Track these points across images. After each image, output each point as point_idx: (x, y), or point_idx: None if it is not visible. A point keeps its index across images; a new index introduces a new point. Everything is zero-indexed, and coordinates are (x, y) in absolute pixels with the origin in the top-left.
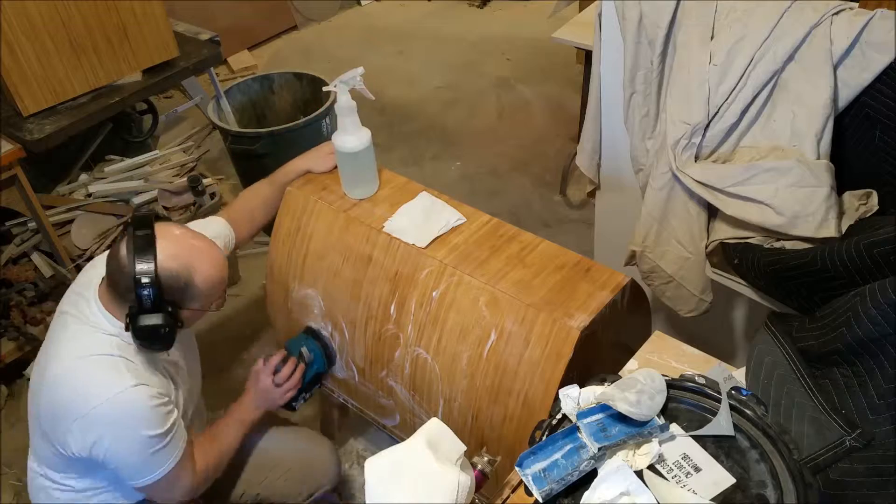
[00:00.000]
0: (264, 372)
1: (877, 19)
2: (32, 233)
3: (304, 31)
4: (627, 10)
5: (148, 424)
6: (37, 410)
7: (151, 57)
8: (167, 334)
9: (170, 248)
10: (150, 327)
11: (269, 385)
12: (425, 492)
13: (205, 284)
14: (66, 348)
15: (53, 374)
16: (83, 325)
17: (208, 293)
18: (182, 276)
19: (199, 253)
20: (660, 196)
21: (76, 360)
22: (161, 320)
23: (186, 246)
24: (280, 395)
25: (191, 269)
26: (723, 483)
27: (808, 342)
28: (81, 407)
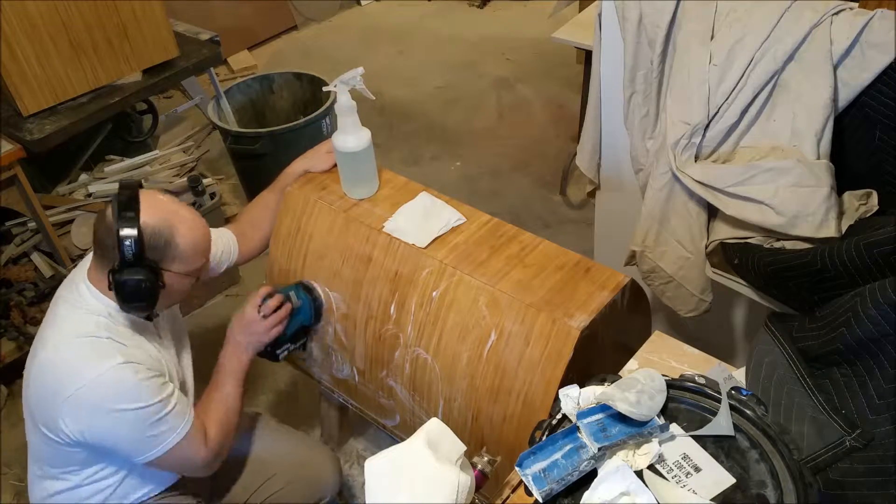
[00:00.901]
0: (249, 304)
1: (877, 19)
2: (32, 233)
3: (304, 31)
4: (627, 10)
5: (139, 397)
6: (28, 400)
7: (151, 57)
8: (148, 292)
9: (152, 208)
10: (132, 282)
11: (254, 316)
12: (425, 492)
13: (186, 245)
14: (54, 332)
15: (40, 359)
16: (72, 307)
17: (190, 256)
18: (163, 234)
19: (181, 215)
20: (660, 196)
21: (61, 344)
22: (142, 275)
23: (168, 207)
24: (265, 329)
25: (172, 228)
26: (723, 483)
27: (808, 342)
28: (68, 388)
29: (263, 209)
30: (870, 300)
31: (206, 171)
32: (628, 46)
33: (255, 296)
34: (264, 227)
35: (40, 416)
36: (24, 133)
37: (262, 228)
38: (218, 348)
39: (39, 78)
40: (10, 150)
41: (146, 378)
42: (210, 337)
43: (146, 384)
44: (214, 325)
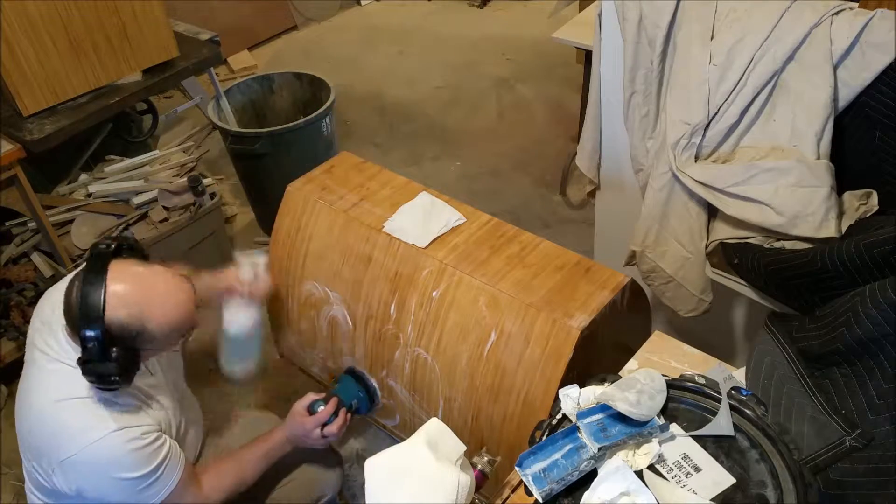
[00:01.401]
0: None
1: (877, 19)
2: (32, 233)
3: (304, 31)
4: (627, 10)
5: (132, 467)
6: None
7: (151, 57)
8: (121, 377)
9: (120, 296)
10: (102, 374)
11: (316, 435)
12: (425, 492)
13: (159, 330)
14: (43, 390)
15: (33, 415)
16: (55, 363)
17: (165, 337)
18: (132, 326)
19: (154, 299)
20: (660, 196)
21: (53, 405)
22: (110, 370)
23: (140, 291)
24: (321, 443)
25: (142, 318)
26: (723, 483)
27: (808, 342)
28: (62, 453)
29: None
30: (870, 300)
31: (206, 171)
32: (628, 46)
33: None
34: None
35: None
36: (24, 133)
37: None
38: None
39: (39, 78)
40: (10, 150)
41: (141, 446)
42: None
43: (141, 453)
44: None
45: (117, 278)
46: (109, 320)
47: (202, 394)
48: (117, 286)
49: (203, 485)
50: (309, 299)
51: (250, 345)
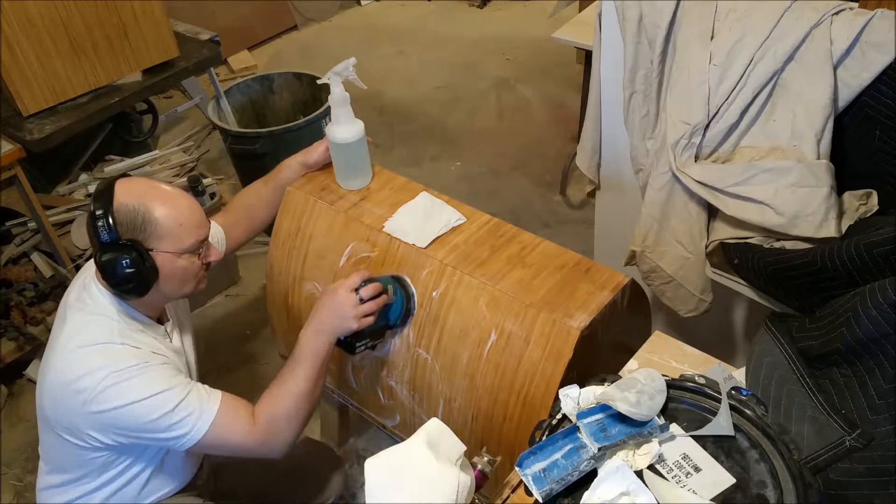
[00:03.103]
0: (345, 283)
1: (877, 19)
2: (32, 233)
3: (304, 31)
4: (627, 10)
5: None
6: (44, 409)
7: (151, 57)
8: (135, 273)
9: (128, 189)
10: (115, 263)
11: (349, 297)
12: (425, 492)
13: (166, 219)
14: (67, 341)
15: (57, 368)
16: (85, 314)
17: (175, 231)
18: (139, 211)
19: (160, 191)
20: (660, 196)
21: (74, 352)
22: (124, 255)
23: (144, 186)
24: (358, 314)
25: (147, 204)
26: (723, 483)
27: (808, 342)
28: (84, 395)
29: (256, 200)
30: (870, 300)
31: (206, 171)
32: (628, 46)
33: (352, 276)
34: (255, 217)
35: (61, 424)
36: (24, 133)
37: (253, 220)
38: (216, 350)
39: (39, 78)
40: (10, 150)
41: (160, 370)
42: (210, 337)
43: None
44: (213, 326)
45: (125, 182)
46: (117, 206)
47: None
48: (124, 184)
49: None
50: (309, 299)
51: (361, 154)
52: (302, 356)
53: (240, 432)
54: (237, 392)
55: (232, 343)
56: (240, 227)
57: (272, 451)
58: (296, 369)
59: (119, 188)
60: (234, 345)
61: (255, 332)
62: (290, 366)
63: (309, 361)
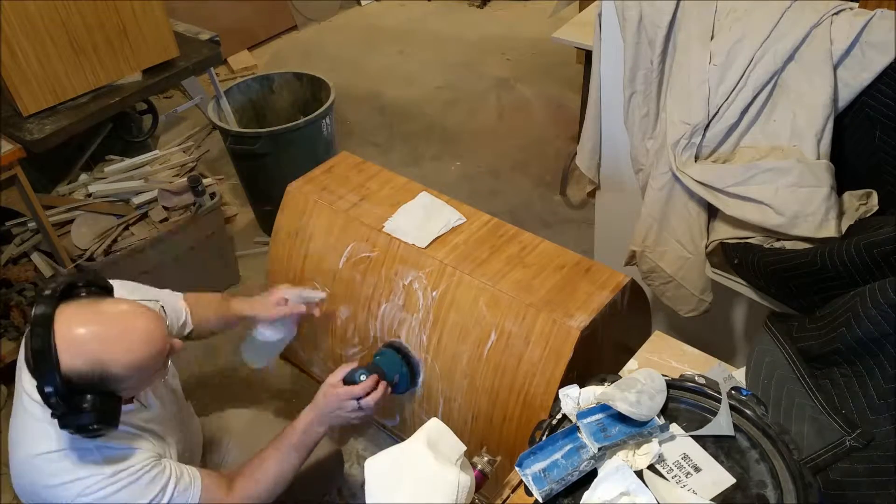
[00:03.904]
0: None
1: (877, 19)
2: (32, 233)
3: (304, 31)
4: (627, 10)
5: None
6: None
7: (151, 57)
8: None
9: (72, 346)
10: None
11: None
12: (425, 492)
13: (125, 370)
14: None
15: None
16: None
17: (136, 374)
18: (93, 373)
19: (110, 341)
20: (660, 196)
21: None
22: (85, 420)
23: (92, 335)
24: (357, 416)
25: (102, 363)
26: (723, 483)
27: (807, 342)
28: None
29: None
30: (870, 300)
31: (206, 171)
32: (628, 46)
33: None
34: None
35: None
36: (24, 133)
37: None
38: (215, 352)
39: (39, 78)
40: (10, 150)
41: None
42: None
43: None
44: None
45: (65, 325)
46: (66, 372)
47: None
48: (66, 334)
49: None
50: None
51: (274, 349)
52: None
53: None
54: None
55: (232, 343)
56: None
57: None
58: (287, 456)
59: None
60: (234, 345)
61: None
62: (282, 449)
63: (301, 453)
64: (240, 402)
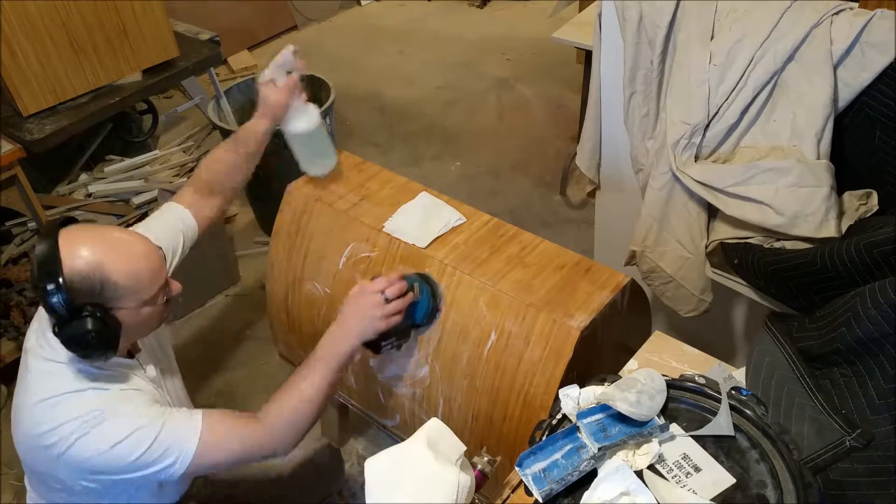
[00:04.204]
0: (373, 285)
1: (877, 19)
2: (32, 233)
3: (304, 31)
4: (627, 10)
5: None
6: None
7: (151, 57)
8: (102, 339)
9: (74, 250)
10: (78, 336)
11: (376, 298)
12: (425, 492)
13: (127, 279)
14: (32, 390)
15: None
16: (45, 362)
17: (136, 288)
18: (94, 276)
19: (110, 247)
20: (660, 196)
21: (40, 404)
22: (87, 326)
23: (94, 243)
24: (385, 314)
25: (102, 266)
26: (723, 483)
27: (807, 342)
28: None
29: (223, 166)
30: (870, 300)
31: None
32: (628, 46)
33: (377, 279)
34: (225, 187)
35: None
36: (24, 133)
37: (223, 190)
38: (215, 350)
39: (39, 78)
40: (10, 150)
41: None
42: (210, 337)
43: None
44: (212, 326)
45: (69, 239)
46: (68, 274)
47: None
48: (70, 244)
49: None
50: (309, 299)
51: (323, 138)
52: (323, 358)
53: (238, 439)
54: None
55: (232, 343)
56: (210, 202)
57: (275, 451)
58: (309, 373)
59: (65, 249)
60: (234, 345)
61: (255, 332)
62: (305, 367)
63: (330, 365)
64: (244, 400)
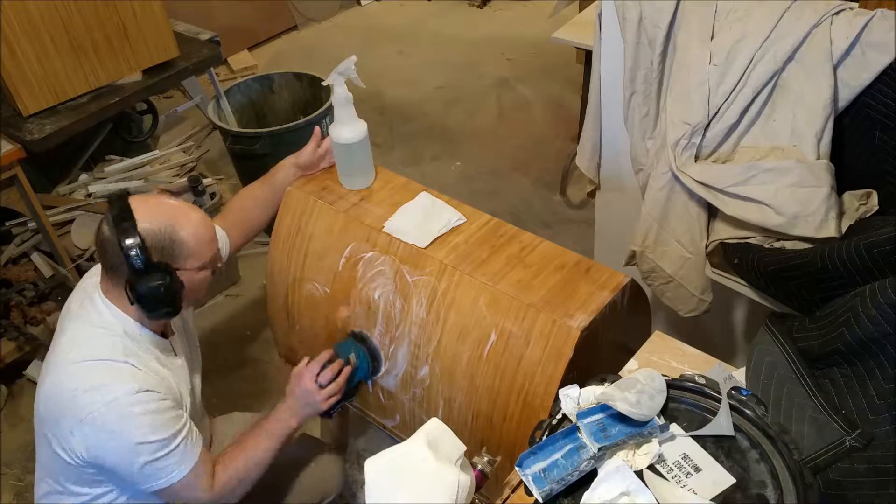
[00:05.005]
0: (308, 373)
1: (877, 19)
2: (32, 233)
3: (304, 31)
4: (627, 10)
5: (150, 430)
6: (41, 417)
7: (151, 57)
8: (171, 295)
9: (147, 211)
10: (152, 289)
11: (312, 387)
12: (425, 492)
13: (191, 238)
14: (70, 351)
15: (55, 378)
16: (88, 326)
17: (198, 248)
18: (166, 233)
19: (177, 210)
20: (660, 196)
21: (77, 364)
22: (159, 279)
23: (163, 206)
24: (322, 399)
25: (173, 226)
26: (723, 483)
27: (808, 342)
28: (80, 412)
29: (253, 203)
30: (870, 300)
31: (206, 171)
32: (628, 46)
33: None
34: (252, 220)
35: (54, 434)
36: (24, 133)
37: (250, 221)
38: (216, 351)
39: (39, 78)
40: (10, 150)
41: (160, 411)
42: (211, 337)
43: (159, 417)
44: (213, 327)
45: (140, 202)
46: (142, 229)
47: None
48: (142, 207)
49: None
50: (309, 299)
51: (365, 153)
52: (274, 430)
53: (200, 489)
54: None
55: (232, 343)
56: (238, 230)
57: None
58: (265, 442)
59: (137, 210)
60: (234, 345)
61: (256, 332)
62: (261, 433)
63: (279, 438)
64: (245, 400)
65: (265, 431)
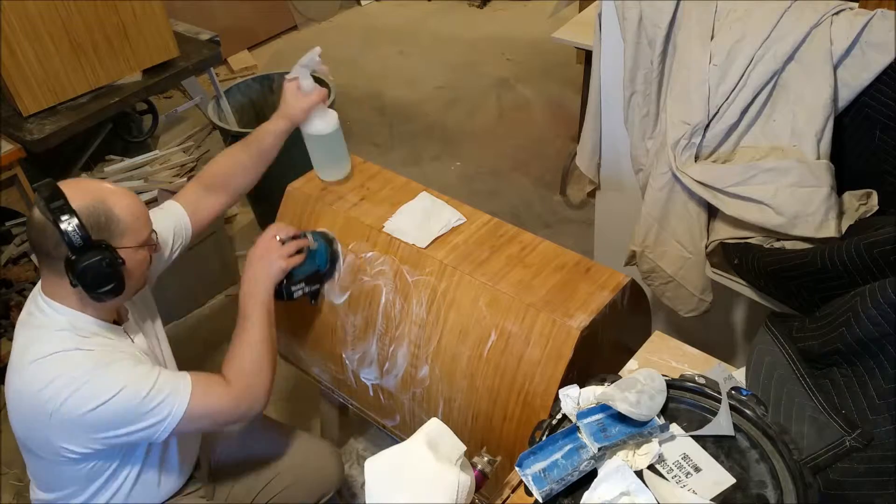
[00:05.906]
0: (268, 231)
1: (877, 19)
2: None
3: (304, 31)
4: (627, 10)
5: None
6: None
7: (151, 57)
8: (113, 272)
9: (78, 191)
10: (93, 266)
11: (271, 241)
12: (425, 492)
13: (127, 214)
14: (21, 356)
15: (14, 389)
16: (34, 329)
17: (134, 225)
18: (100, 210)
19: (108, 189)
20: (660, 196)
21: (30, 365)
22: (99, 255)
23: (93, 185)
24: (282, 254)
25: (106, 201)
26: (723, 483)
27: (808, 342)
28: (48, 405)
29: (235, 167)
30: (870, 300)
31: None
32: (628, 46)
33: (271, 227)
34: (232, 186)
35: (34, 443)
36: (24, 133)
37: (230, 187)
38: (214, 352)
39: (39, 78)
40: (10, 150)
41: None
42: (210, 337)
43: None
44: (214, 326)
45: (68, 184)
46: (77, 207)
47: None
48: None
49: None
50: None
51: (340, 143)
52: (247, 309)
53: (217, 396)
54: None
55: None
56: (216, 196)
57: (252, 406)
58: (245, 323)
59: (68, 191)
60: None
61: None
62: (239, 324)
63: (255, 311)
64: None
65: (244, 315)
